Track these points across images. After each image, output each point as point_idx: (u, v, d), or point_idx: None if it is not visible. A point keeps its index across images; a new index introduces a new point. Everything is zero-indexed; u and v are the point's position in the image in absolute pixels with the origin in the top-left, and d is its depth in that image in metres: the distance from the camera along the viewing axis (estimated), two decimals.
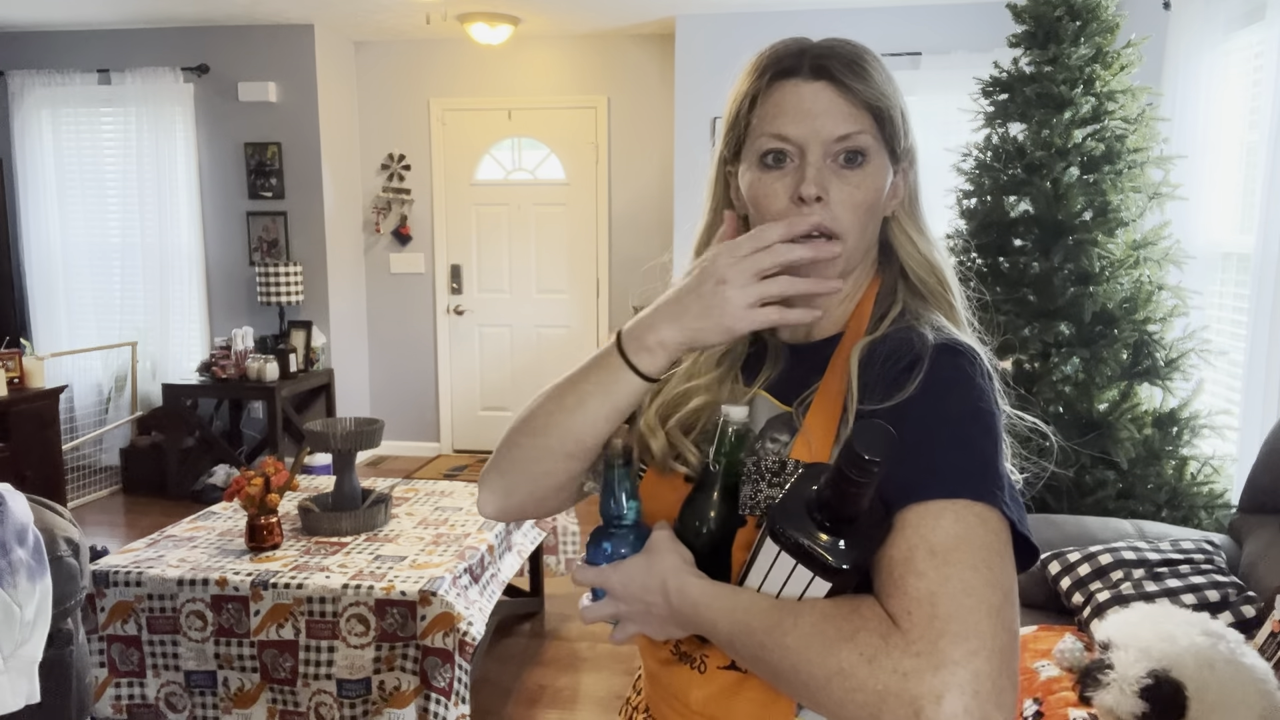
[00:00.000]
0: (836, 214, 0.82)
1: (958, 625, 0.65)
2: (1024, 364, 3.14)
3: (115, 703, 2.46)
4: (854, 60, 0.84)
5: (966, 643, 0.64)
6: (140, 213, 5.51)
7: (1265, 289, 2.87)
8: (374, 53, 5.80)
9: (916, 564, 0.68)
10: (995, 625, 0.65)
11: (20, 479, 4.20)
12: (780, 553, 0.73)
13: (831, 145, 0.82)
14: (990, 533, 0.69)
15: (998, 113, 3.28)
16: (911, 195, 0.88)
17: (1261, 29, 3.17)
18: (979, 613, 0.65)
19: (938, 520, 0.70)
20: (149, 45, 5.45)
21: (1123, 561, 2.38)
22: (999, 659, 0.64)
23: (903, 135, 0.85)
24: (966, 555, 0.68)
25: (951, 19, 4.87)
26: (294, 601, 2.39)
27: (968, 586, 0.66)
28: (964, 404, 0.75)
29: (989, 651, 0.64)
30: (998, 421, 0.76)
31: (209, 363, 5.19)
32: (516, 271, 5.88)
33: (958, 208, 3.37)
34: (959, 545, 0.68)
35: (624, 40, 5.56)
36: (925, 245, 0.87)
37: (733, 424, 0.83)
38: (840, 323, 0.89)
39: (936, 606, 0.66)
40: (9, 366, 4.35)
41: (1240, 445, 3.07)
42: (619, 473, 0.85)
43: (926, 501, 0.71)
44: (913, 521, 0.70)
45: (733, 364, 0.93)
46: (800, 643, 0.70)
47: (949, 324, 0.83)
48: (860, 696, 0.66)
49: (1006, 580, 0.68)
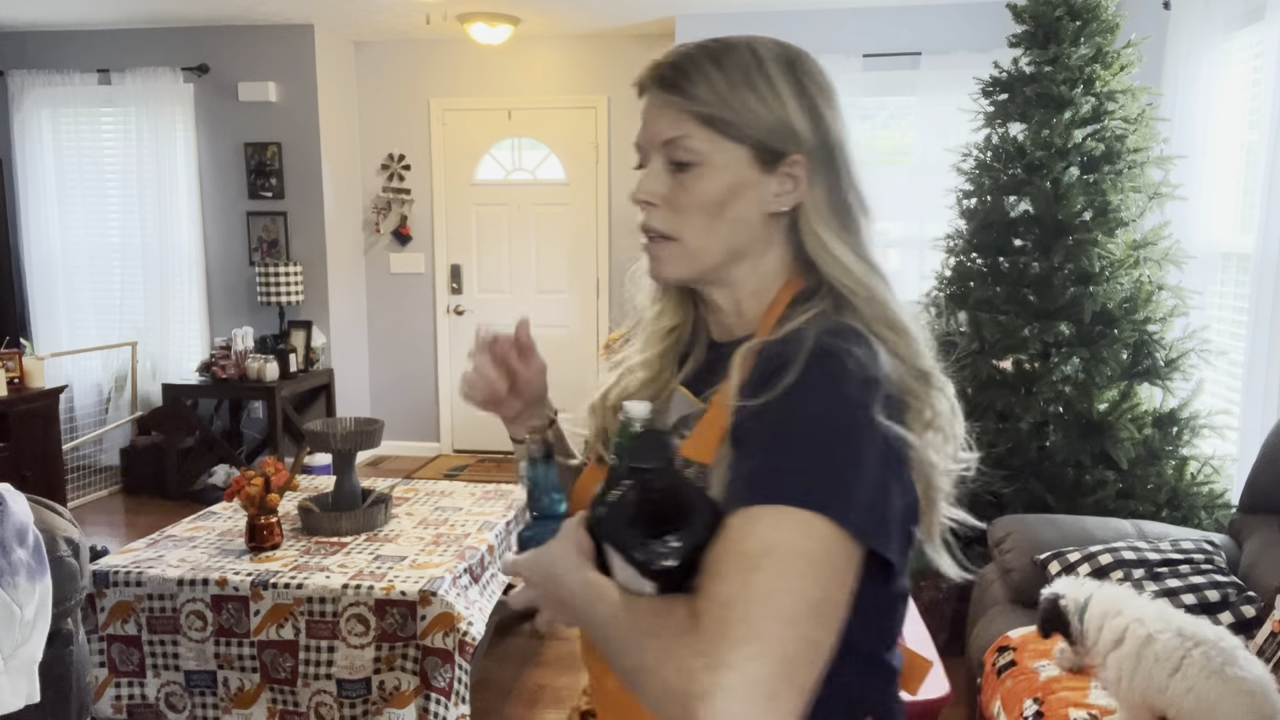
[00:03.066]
0: (667, 215, 0.86)
1: (743, 629, 0.65)
2: (1024, 364, 3.14)
3: (115, 703, 2.46)
4: (678, 68, 0.86)
5: (747, 647, 0.64)
6: (140, 213, 5.51)
7: (1265, 289, 2.87)
8: (374, 53, 5.80)
9: (724, 567, 0.69)
10: (786, 633, 0.65)
11: (20, 479, 4.19)
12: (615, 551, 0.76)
13: (663, 151, 0.86)
14: (810, 541, 0.68)
15: (998, 113, 3.28)
16: (824, 194, 0.86)
17: (1261, 29, 3.17)
18: (769, 619, 0.65)
19: (754, 525, 0.69)
20: (149, 45, 5.45)
21: (1123, 561, 2.38)
22: (781, 667, 0.64)
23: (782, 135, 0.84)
24: (774, 562, 0.67)
25: (951, 19, 4.87)
26: (294, 601, 2.39)
27: (766, 593, 0.66)
28: (819, 409, 0.72)
29: (771, 659, 0.64)
30: (864, 430, 0.72)
31: (209, 363, 5.19)
32: (516, 271, 5.88)
33: (958, 208, 3.37)
34: (768, 552, 0.67)
35: (624, 40, 5.56)
36: (836, 245, 0.85)
37: (634, 420, 0.84)
38: (753, 323, 0.89)
39: (730, 610, 0.66)
40: (9, 366, 4.35)
41: (1240, 445, 3.07)
42: (540, 469, 0.89)
43: (749, 506, 0.70)
44: (734, 525, 0.70)
45: (676, 341, 0.97)
46: (620, 636, 0.73)
47: (858, 326, 0.80)
48: (652, 690, 0.69)
49: (817, 591, 0.67)
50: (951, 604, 3.21)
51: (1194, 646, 1.76)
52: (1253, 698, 1.69)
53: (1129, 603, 1.94)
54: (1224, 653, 1.75)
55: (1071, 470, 3.05)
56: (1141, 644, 1.82)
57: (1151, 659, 1.79)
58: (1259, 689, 1.71)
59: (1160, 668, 1.78)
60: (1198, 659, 1.74)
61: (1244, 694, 1.69)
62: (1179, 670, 1.75)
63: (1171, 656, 1.77)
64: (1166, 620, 1.84)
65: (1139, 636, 1.83)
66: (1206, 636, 1.78)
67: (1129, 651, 1.83)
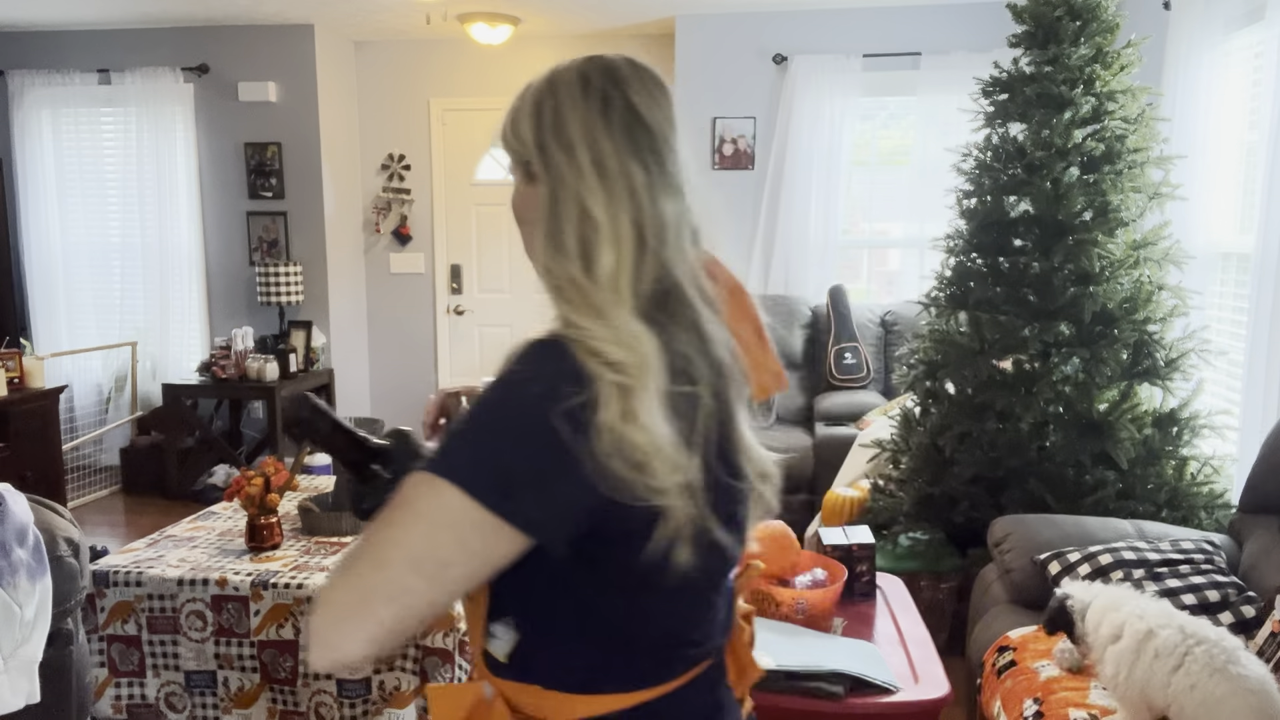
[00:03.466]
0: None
1: (348, 561, 0.80)
2: (1024, 364, 3.14)
3: (115, 703, 2.46)
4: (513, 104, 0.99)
5: (343, 575, 0.80)
6: (140, 213, 5.51)
7: (1265, 289, 2.87)
8: (374, 53, 5.80)
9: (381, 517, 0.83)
10: (370, 567, 0.79)
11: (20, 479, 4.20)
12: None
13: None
14: (434, 503, 0.79)
15: (998, 113, 3.28)
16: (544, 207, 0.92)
17: (1261, 29, 3.17)
18: (365, 556, 0.80)
19: (407, 487, 0.82)
20: (149, 45, 5.45)
21: (1123, 561, 2.38)
22: (355, 593, 0.79)
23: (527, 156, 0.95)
24: (400, 516, 0.80)
25: (951, 19, 4.87)
26: (294, 601, 2.39)
27: (381, 540, 0.80)
28: (492, 400, 0.83)
29: (355, 590, 0.79)
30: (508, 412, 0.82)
31: (209, 363, 5.19)
32: (516, 271, 5.88)
33: (958, 208, 3.37)
34: (400, 507, 0.81)
35: (624, 40, 5.56)
36: (544, 252, 0.90)
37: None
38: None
39: (360, 546, 0.81)
40: (9, 366, 4.35)
41: (1240, 445, 3.07)
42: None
43: (417, 472, 0.83)
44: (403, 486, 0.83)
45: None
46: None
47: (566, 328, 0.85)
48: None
49: (417, 539, 0.79)
50: (951, 604, 3.21)
51: (1196, 644, 1.76)
52: (1256, 697, 1.69)
53: (1129, 600, 1.94)
54: (1227, 651, 1.75)
55: (1071, 470, 3.05)
56: (1141, 639, 1.82)
57: (1151, 654, 1.79)
58: (1261, 688, 1.71)
59: (1161, 664, 1.77)
60: (1200, 656, 1.74)
61: (1248, 693, 1.69)
62: (1181, 667, 1.75)
63: (1174, 653, 1.77)
64: (1169, 617, 1.84)
65: (1138, 631, 1.83)
66: (1209, 635, 1.78)
67: (1128, 646, 1.83)
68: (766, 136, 5.13)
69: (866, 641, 2.19)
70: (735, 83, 5.11)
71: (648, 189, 0.89)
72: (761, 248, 5.16)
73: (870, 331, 4.84)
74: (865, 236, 5.33)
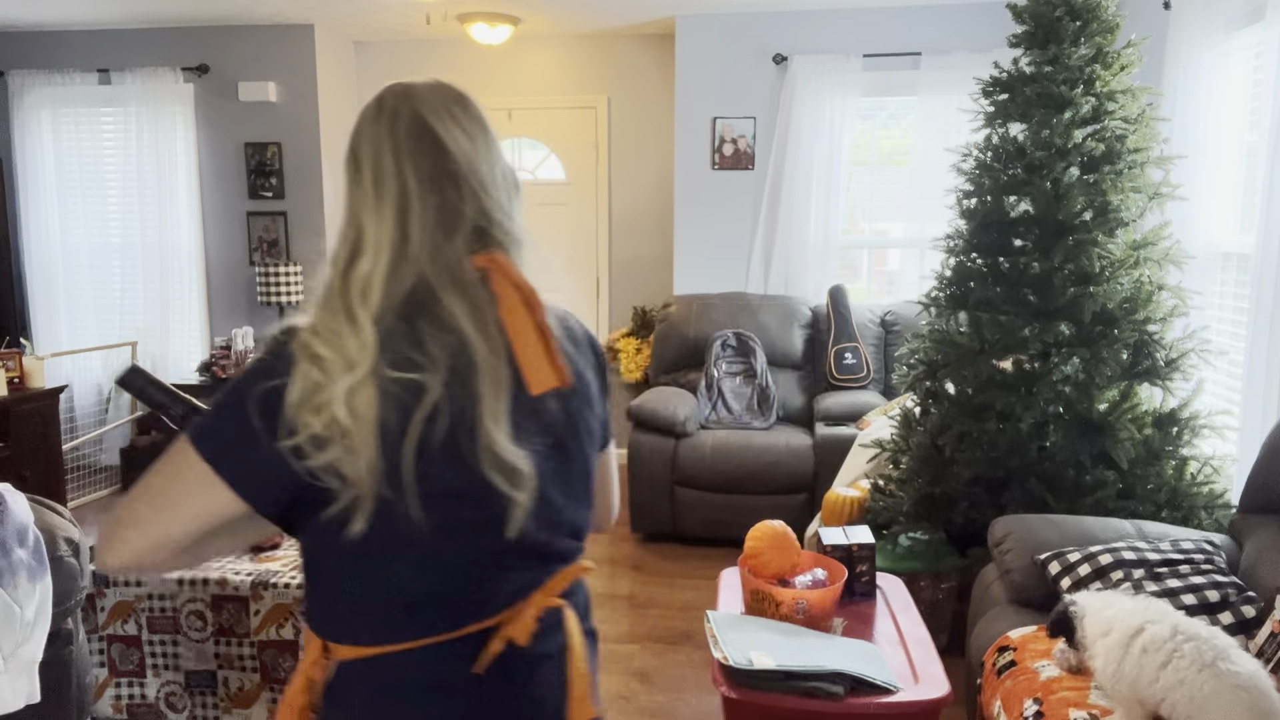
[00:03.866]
0: None
1: (126, 498, 0.99)
2: (1024, 364, 3.14)
3: (115, 703, 2.46)
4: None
5: (119, 509, 0.98)
6: (140, 213, 5.51)
7: (1265, 289, 2.87)
8: (374, 53, 5.80)
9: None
10: (133, 502, 0.98)
11: (20, 479, 4.20)
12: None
13: None
14: (178, 455, 0.97)
15: (998, 113, 3.28)
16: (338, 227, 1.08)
17: (1261, 29, 3.17)
18: (135, 494, 0.98)
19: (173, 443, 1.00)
20: (149, 45, 5.45)
21: (1123, 561, 2.38)
22: (118, 525, 0.97)
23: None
24: (159, 465, 0.99)
25: (951, 19, 4.87)
26: (294, 601, 2.39)
27: (145, 480, 0.98)
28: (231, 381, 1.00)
29: (118, 519, 0.98)
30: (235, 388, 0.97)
31: (209, 363, 5.19)
32: None
33: (958, 208, 3.37)
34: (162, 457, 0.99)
35: (624, 40, 5.56)
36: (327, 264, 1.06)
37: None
38: None
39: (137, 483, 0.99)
40: (9, 366, 4.35)
41: (1240, 445, 3.07)
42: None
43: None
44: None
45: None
46: None
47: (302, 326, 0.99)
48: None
49: (169, 484, 0.97)
50: (951, 604, 3.21)
51: (1186, 640, 1.77)
52: (1246, 693, 1.69)
53: (1123, 599, 1.95)
54: (1217, 649, 1.75)
55: (1071, 470, 3.05)
56: (1130, 634, 1.83)
57: (1139, 649, 1.80)
58: (1251, 684, 1.70)
59: (1150, 659, 1.78)
60: (1189, 653, 1.75)
61: (1237, 689, 1.69)
62: (1169, 663, 1.76)
63: (1162, 648, 1.77)
64: (1163, 615, 1.85)
65: (1128, 627, 1.84)
66: (1199, 633, 1.79)
67: (1116, 641, 1.84)
68: (766, 136, 5.13)
69: (866, 641, 2.19)
70: (735, 83, 5.12)
71: (419, 194, 1.00)
72: (761, 248, 5.16)
73: (870, 331, 4.84)
74: (865, 236, 5.33)
